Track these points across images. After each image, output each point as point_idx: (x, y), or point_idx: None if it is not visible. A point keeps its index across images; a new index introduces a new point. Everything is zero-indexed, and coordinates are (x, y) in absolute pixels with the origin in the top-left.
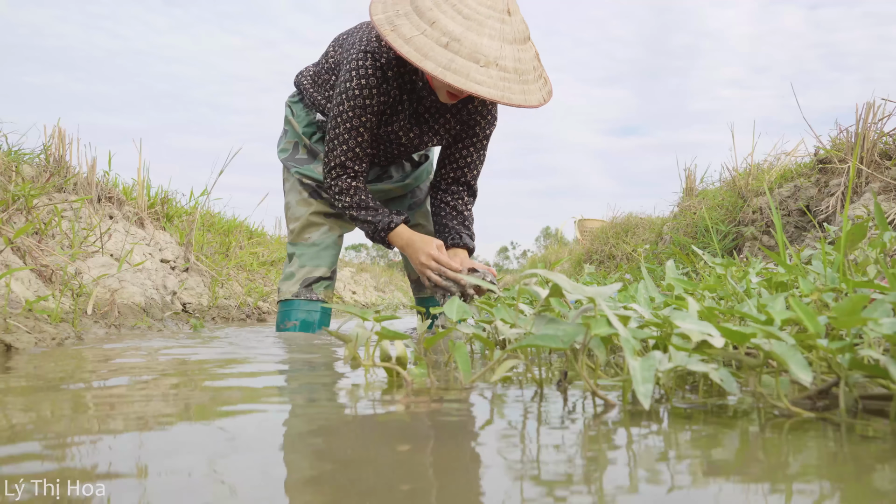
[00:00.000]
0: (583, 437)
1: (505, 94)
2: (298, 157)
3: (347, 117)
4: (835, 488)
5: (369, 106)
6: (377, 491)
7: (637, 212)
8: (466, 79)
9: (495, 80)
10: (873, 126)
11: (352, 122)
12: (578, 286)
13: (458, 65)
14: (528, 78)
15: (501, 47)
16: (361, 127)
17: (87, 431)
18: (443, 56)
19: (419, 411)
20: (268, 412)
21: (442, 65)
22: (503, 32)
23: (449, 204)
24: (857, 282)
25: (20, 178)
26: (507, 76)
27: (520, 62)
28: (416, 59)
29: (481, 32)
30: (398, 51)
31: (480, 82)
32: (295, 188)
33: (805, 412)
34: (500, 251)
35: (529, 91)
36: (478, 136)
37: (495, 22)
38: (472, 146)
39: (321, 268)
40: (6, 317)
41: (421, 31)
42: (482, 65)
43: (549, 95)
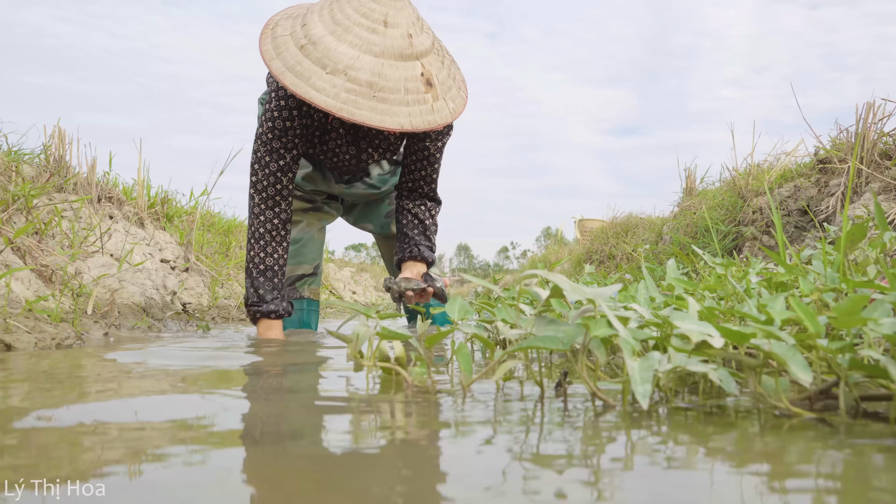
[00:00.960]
0: (582, 438)
1: (346, 106)
2: None
3: (267, 139)
4: (835, 488)
5: (290, 129)
6: (377, 491)
7: (637, 212)
8: (306, 83)
9: (338, 90)
10: (873, 126)
11: (272, 145)
12: (578, 287)
13: (303, 67)
14: (389, 97)
15: (359, 57)
16: (283, 149)
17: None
18: (292, 57)
19: (419, 411)
20: (269, 415)
21: (287, 66)
22: (370, 43)
23: (411, 212)
24: (857, 282)
25: (20, 178)
26: (356, 88)
27: (381, 77)
28: (269, 56)
29: (342, 38)
30: (259, 45)
31: (319, 89)
32: None
33: (805, 412)
34: (500, 251)
35: (387, 111)
36: (428, 149)
37: (363, 31)
38: (424, 160)
39: (303, 265)
40: (6, 317)
41: (291, 31)
42: (328, 71)
43: (427, 124)
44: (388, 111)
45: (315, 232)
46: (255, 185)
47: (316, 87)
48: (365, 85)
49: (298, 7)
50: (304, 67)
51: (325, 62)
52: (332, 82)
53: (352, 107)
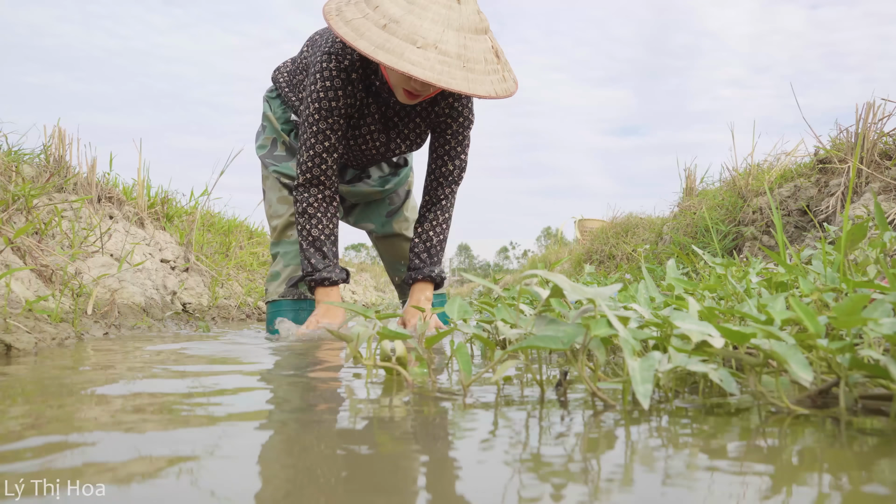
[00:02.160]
0: (582, 438)
1: (442, 77)
2: (277, 155)
3: (314, 120)
4: (835, 487)
5: (335, 108)
6: (377, 491)
7: (637, 212)
8: (400, 58)
9: (432, 63)
10: (873, 126)
11: (319, 126)
12: (578, 287)
13: (392, 45)
14: (475, 67)
15: (444, 31)
16: (329, 130)
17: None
18: (378, 36)
19: (419, 411)
20: (269, 416)
21: (376, 44)
22: (448, 18)
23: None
24: (857, 282)
25: (20, 178)
26: (448, 60)
27: (465, 49)
28: (351, 38)
29: (423, 16)
30: (335, 30)
31: (415, 62)
32: (275, 186)
33: (805, 412)
34: (500, 251)
35: (476, 80)
36: (451, 141)
37: (440, 7)
38: (446, 154)
39: None
40: (6, 317)
41: (363, 14)
42: (419, 46)
43: (505, 92)
44: (477, 80)
45: None
46: (300, 166)
47: (411, 60)
48: (455, 57)
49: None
50: (394, 45)
51: (414, 38)
52: (424, 56)
53: (448, 77)
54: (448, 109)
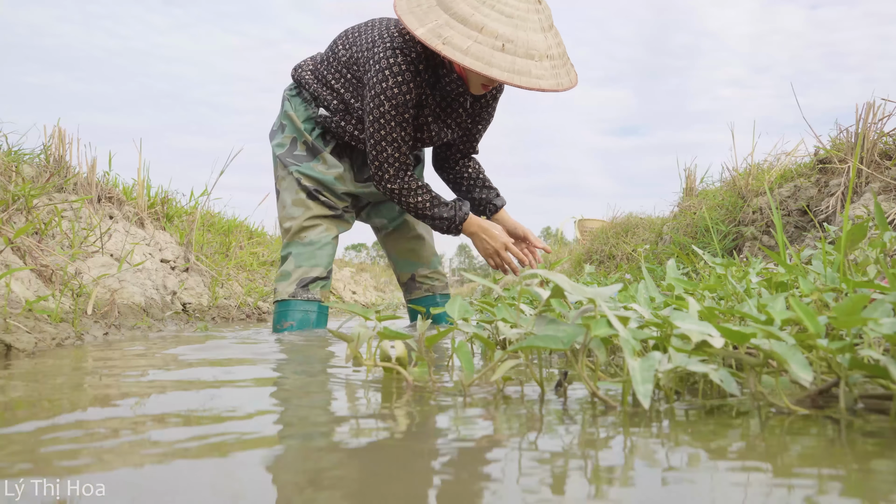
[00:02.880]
0: (582, 438)
1: (560, 81)
2: (297, 154)
3: (391, 116)
4: (835, 487)
5: (410, 101)
6: (377, 490)
7: (637, 212)
8: (531, 77)
9: (549, 71)
10: (873, 126)
11: (396, 121)
12: (579, 287)
13: (519, 66)
14: (557, 63)
15: (546, 38)
16: (404, 122)
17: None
18: (503, 60)
19: (419, 411)
20: (271, 414)
21: (507, 69)
22: (541, 23)
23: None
24: (857, 282)
25: (20, 178)
26: (556, 63)
27: (558, 46)
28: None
29: (527, 28)
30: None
31: (541, 77)
32: (292, 187)
33: (806, 412)
34: None
35: (571, 72)
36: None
37: (533, 14)
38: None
39: (318, 268)
40: (6, 317)
41: (473, 38)
42: (536, 59)
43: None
44: (571, 72)
45: (332, 237)
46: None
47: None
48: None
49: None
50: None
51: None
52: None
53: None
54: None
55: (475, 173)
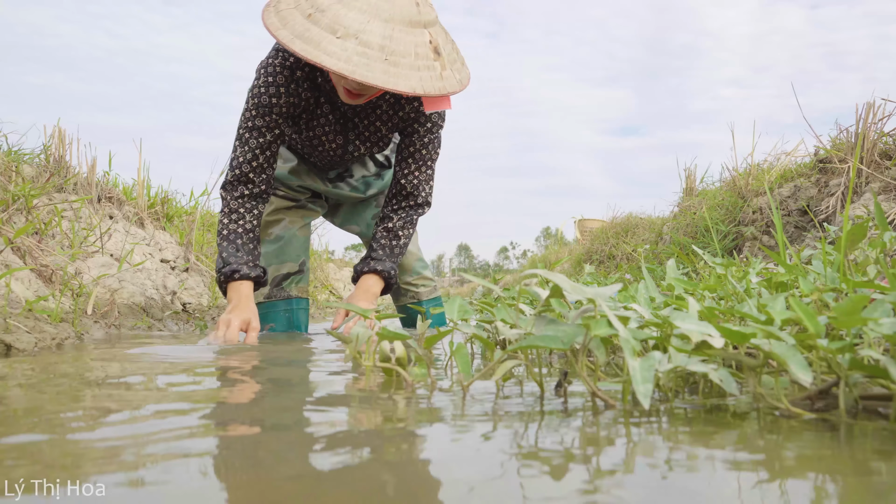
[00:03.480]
0: (583, 438)
1: (357, 69)
2: None
3: (251, 116)
4: (835, 487)
5: (275, 105)
6: (376, 489)
7: (637, 212)
8: (315, 48)
9: (350, 54)
10: (873, 126)
11: (255, 122)
12: (578, 287)
13: (311, 34)
14: (400, 61)
15: (369, 21)
16: (265, 128)
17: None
18: (300, 25)
19: (418, 411)
20: (270, 413)
21: (295, 33)
22: (379, 8)
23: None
24: (857, 282)
25: (20, 178)
26: (368, 52)
27: (392, 41)
28: (275, 27)
29: (351, 6)
30: (263, 20)
31: (331, 53)
32: None
33: (805, 412)
34: (500, 251)
35: (399, 74)
36: (415, 144)
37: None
38: (409, 157)
39: (287, 263)
40: (6, 317)
41: (296, 4)
42: (339, 36)
43: (438, 90)
44: (400, 74)
45: (297, 229)
46: (231, 162)
47: (327, 51)
48: (376, 48)
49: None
50: (314, 34)
51: (335, 28)
52: (343, 46)
53: (364, 70)
54: (413, 113)
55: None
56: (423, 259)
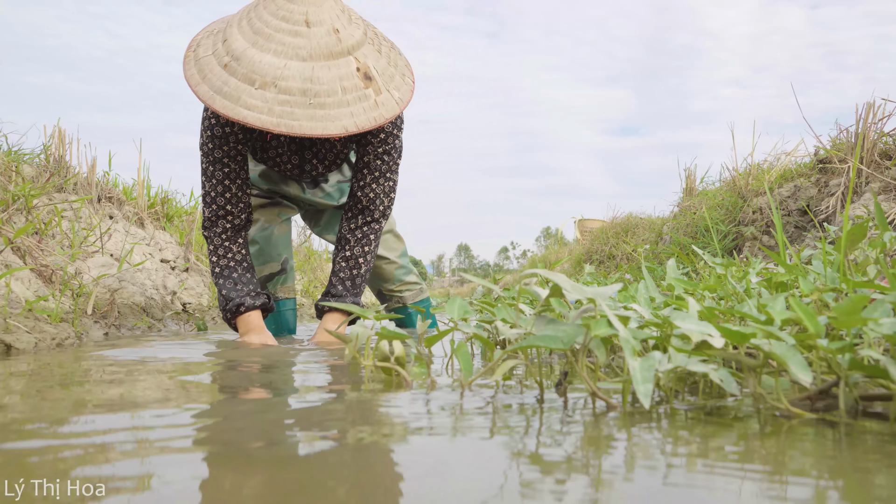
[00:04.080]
0: (583, 438)
1: (283, 119)
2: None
3: (209, 149)
4: (835, 488)
5: (230, 134)
6: (376, 490)
7: (637, 212)
8: (236, 104)
9: (271, 105)
10: (873, 126)
11: (214, 155)
12: (578, 286)
13: (230, 87)
14: (326, 101)
15: (286, 65)
16: (226, 157)
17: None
18: (218, 78)
19: (418, 411)
20: (268, 413)
21: (214, 88)
22: (295, 47)
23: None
24: (857, 282)
25: (20, 178)
26: (290, 99)
27: (312, 82)
28: (195, 82)
29: (265, 48)
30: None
31: (251, 107)
32: None
33: (805, 412)
34: (500, 251)
35: (327, 116)
36: (368, 155)
37: (285, 35)
38: (364, 168)
39: (270, 264)
40: (6, 317)
41: (213, 50)
42: (257, 87)
43: (373, 121)
44: (328, 116)
45: (276, 227)
46: (203, 198)
47: (247, 105)
48: (298, 93)
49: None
50: (232, 87)
51: (252, 77)
52: (263, 97)
53: (289, 119)
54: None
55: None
56: (405, 265)
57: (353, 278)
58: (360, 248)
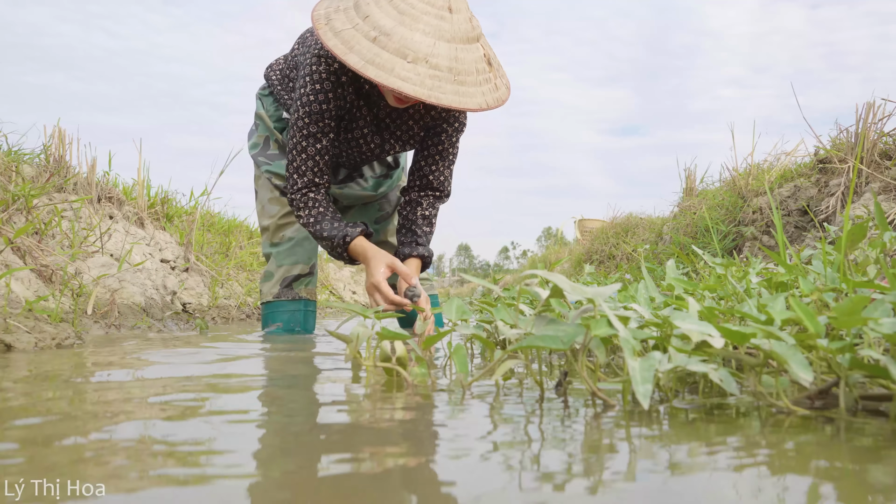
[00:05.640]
0: (582, 438)
1: (433, 92)
2: (270, 153)
3: (304, 124)
4: (836, 487)
5: (326, 111)
6: (376, 488)
7: (637, 212)
8: (390, 74)
9: (423, 78)
10: (873, 126)
11: (309, 129)
12: (578, 286)
13: (382, 59)
14: (466, 79)
15: (435, 44)
16: (320, 133)
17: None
18: (368, 50)
19: (419, 411)
20: (268, 415)
21: (366, 59)
22: (440, 29)
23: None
24: (857, 282)
25: (20, 178)
26: (439, 74)
27: (457, 61)
28: (341, 52)
29: (414, 28)
30: (324, 43)
31: (405, 78)
32: (266, 185)
33: (805, 412)
34: (500, 251)
35: (467, 93)
36: (443, 143)
37: (432, 18)
38: (437, 154)
39: (299, 265)
40: (6, 317)
41: (353, 25)
42: (410, 60)
43: (497, 101)
44: (468, 93)
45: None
46: (294, 171)
47: (401, 76)
48: (446, 70)
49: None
50: (385, 59)
51: (404, 52)
52: (415, 71)
53: (438, 92)
54: (444, 113)
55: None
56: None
57: (427, 234)
58: (432, 212)
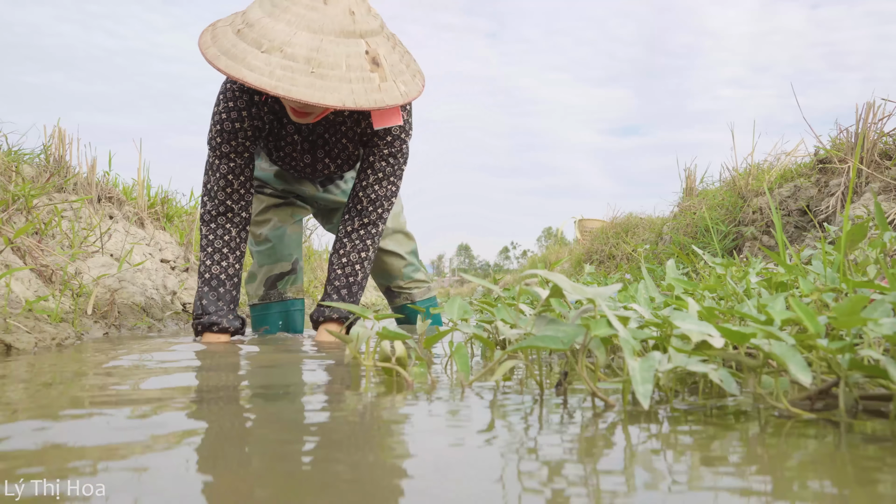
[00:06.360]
0: (582, 438)
1: (281, 83)
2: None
3: (216, 144)
4: (834, 489)
5: (240, 129)
6: (376, 488)
7: (637, 212)
8: (239, 64)
9: (273, 68)
10: (873, 126)
11: (221, 149)
12: (578, 287)
13: (237, 50)
14: (329, 73)
15: (296, 34)
16: (233, 153)
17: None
18: (228, 41)
19: (419, 411)
20: (267, 415)
21: (222, 50)
22: (307, 19)
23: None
24: (857, 282)
25: (20, 178)
26: (293, 65)
27: (319, 52)
28: (205, 45)
29: (280, 18)
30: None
31: (253, 68)
32: None
33: (805, 412)
34: (500, 251)
35: (326, 87)
36: (374, 155)
37: (301, 9)
38: (369, 168)
39: (280, 263)
40: (6, 317)
41: (230, 22)
42: (264, 50)
43: (373, 103)
44: (328, 87)
45: (288, 227)
46: (208, 192)
47: (250, 66)
48: (302, 61)
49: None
50: (239, 49)
51: (260, 42)
52: (266, 60)
53: (287, 83)
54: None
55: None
56: (414, 263)
57: (349, 286)
58: (357, 254)
